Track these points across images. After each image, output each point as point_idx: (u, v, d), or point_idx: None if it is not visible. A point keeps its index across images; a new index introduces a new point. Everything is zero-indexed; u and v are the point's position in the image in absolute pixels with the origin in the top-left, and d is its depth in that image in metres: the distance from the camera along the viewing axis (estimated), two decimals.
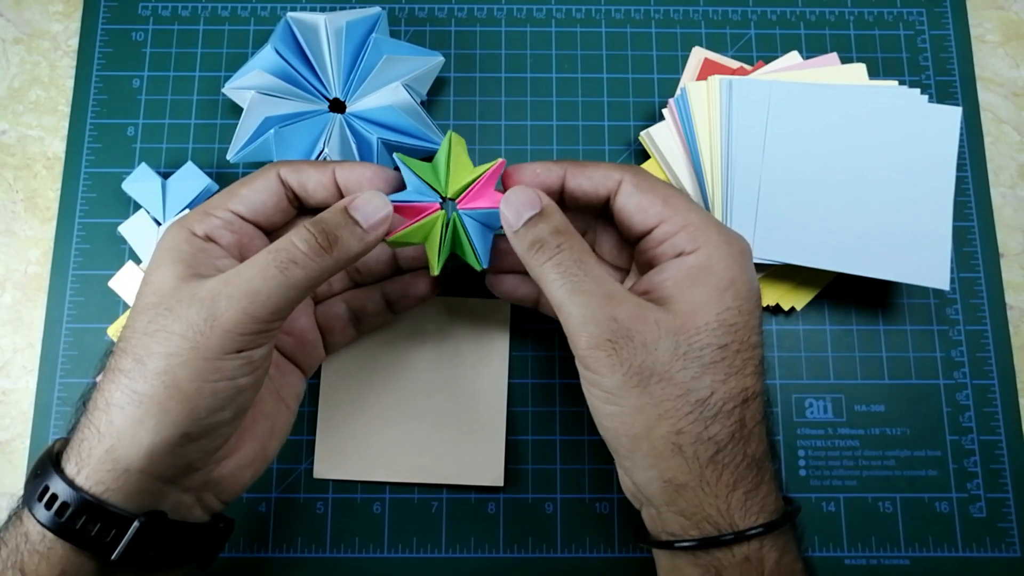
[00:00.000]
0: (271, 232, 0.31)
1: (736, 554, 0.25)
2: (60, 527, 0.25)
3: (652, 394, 0.26)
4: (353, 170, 0.29)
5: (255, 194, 0.29)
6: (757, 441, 0.26)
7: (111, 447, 0.25)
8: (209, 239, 0.28)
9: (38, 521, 0.25)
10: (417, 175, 0.30)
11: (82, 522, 0.25)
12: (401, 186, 0.30)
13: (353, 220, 0.27)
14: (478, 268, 0.31)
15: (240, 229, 0.29)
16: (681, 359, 0.26)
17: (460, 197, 0.31)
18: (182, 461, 0.26)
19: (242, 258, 0.29)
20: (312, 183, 0.29)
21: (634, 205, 0.29)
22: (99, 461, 0.25)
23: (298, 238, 0.27)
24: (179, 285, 0.26)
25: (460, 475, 0.37)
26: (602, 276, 0.27)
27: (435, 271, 0.30)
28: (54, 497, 0.25)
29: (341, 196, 0.30)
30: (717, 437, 0.26)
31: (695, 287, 0.27)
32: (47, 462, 0.26)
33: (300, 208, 0.31)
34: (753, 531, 0.25)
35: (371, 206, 0.28)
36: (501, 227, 0.30)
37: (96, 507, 0.25)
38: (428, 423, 0.38)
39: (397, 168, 0.31)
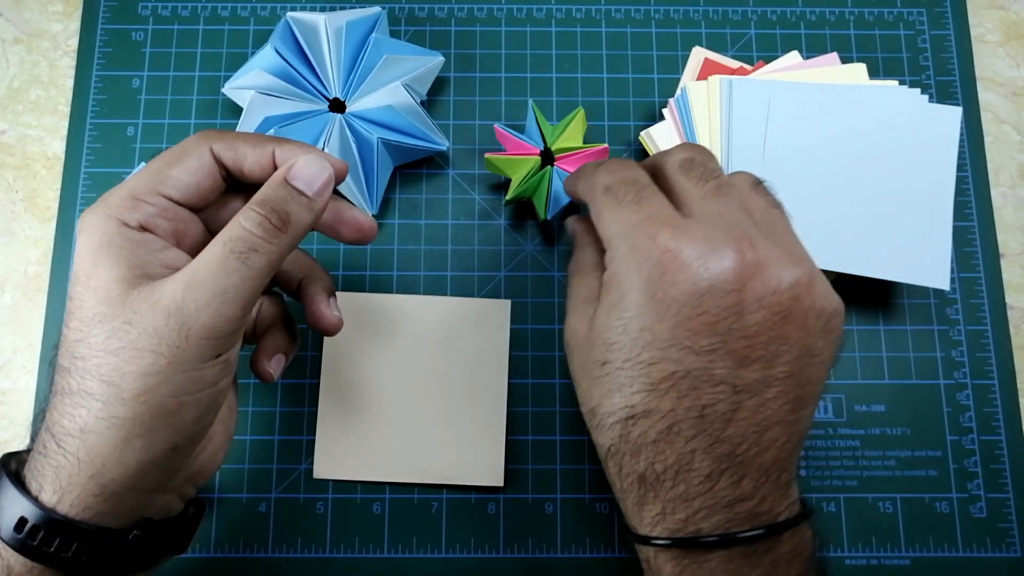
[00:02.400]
0: (201, 210, 0.29)
1: (642, 552, 0.27)
2: (51, 557, 0.24)
3: (578, 395, 0.28)
4: (294, 150, 0.27)
5: (189, 176, 0.26)
6: (647, 459, 0.25)
7: (96, 473, 0.24)
8: (144, 229, 0.26)
9: (24, 554, 0.24)
10: (537, 123, 0.37)
11: (74, 549, 0.24)
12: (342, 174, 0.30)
13: (297, 191, 0.26)
14: (541, 218, 0.38)
15: (175, 215, 0.27)
16: (580, 370, 0.27)
17: (559, 157, 0.38)
18: (168, 470, 0.26)
19: (179, 244, 0.27)
20: (249, 163, 0.27)
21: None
22: (83, 489, 0.24)
23: (251, 223, 0.25)
24: (128, 292, 0.24)
25: (460, 475, 0.37)
26: (574, 289, 0.29)
27: (510, 195, 0.37)
28: (36, 529, 0.23)
29: None
30: (604, 444, 0.27)
31: (590, 303, 0.28)
32: (13, 489, 0.24)
33: (232, 180, 0.28)
34: (654, 540, 0.26)
35: (310, 171, 0.26)
36: None
37: (88, 533, 0.24)
38: (428, 423, 0.38)
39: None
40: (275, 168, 0.27)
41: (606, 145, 0.37)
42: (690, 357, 0.24)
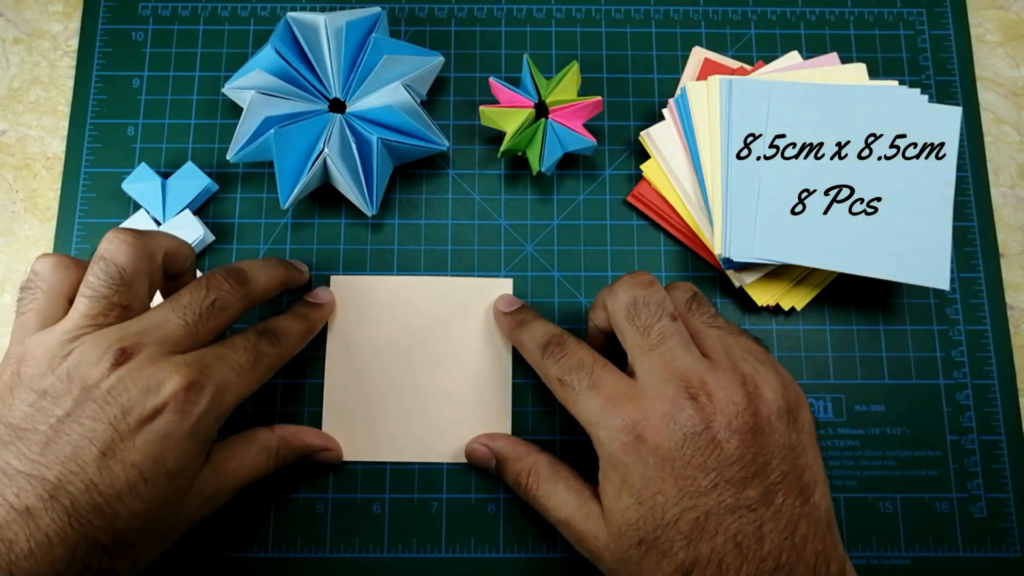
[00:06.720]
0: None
1: None
2: None
3: None
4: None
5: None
6: None
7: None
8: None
9: None
10: (532, 77, 0.38)
11: None
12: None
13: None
14: (535, 170, 0.38)
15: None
16: (620, 566, 0.28)
17: (553, 109, 0.38)
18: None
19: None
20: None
21: None
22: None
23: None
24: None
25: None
26: (560, 506, 0.32)
27: (504, 147, 0.38)
28: None
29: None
30: None
31: (605, 495, 0.29)
32: None
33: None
34: None
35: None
36: (574, 149, 0.38)
37: None
38: (432, 402, 0.38)
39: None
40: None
41: (599, 98, 0.38)
42: (702, 499, 0.27)
